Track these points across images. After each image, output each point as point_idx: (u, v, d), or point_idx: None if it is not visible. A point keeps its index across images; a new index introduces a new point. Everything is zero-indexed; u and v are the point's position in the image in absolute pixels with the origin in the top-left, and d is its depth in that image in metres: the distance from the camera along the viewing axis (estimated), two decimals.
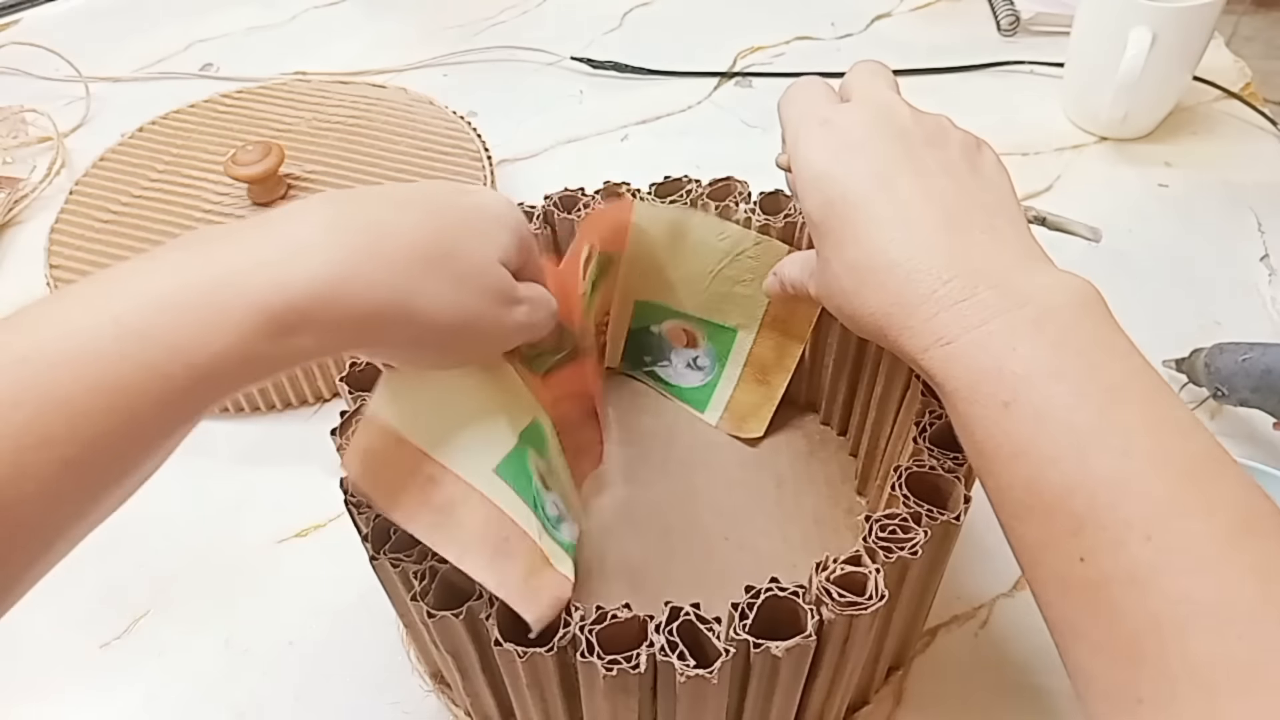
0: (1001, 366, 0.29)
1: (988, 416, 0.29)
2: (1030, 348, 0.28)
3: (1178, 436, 0.27)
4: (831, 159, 0.34)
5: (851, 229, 0.32)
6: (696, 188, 0.46)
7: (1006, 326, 0.29)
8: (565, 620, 0.31)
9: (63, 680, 0.46)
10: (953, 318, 0.30)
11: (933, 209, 0.32)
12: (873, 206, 0.32)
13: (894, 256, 0.31)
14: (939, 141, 0.34)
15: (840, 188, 0.33)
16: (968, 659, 0.45)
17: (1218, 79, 0.75)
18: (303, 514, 0.51)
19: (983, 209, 0.32)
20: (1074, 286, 0.30)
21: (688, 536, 0.46)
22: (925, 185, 0.32)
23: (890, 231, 0.32)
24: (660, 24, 0.87)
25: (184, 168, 0.66)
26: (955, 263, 0.30)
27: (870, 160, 0.33)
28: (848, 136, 0.34)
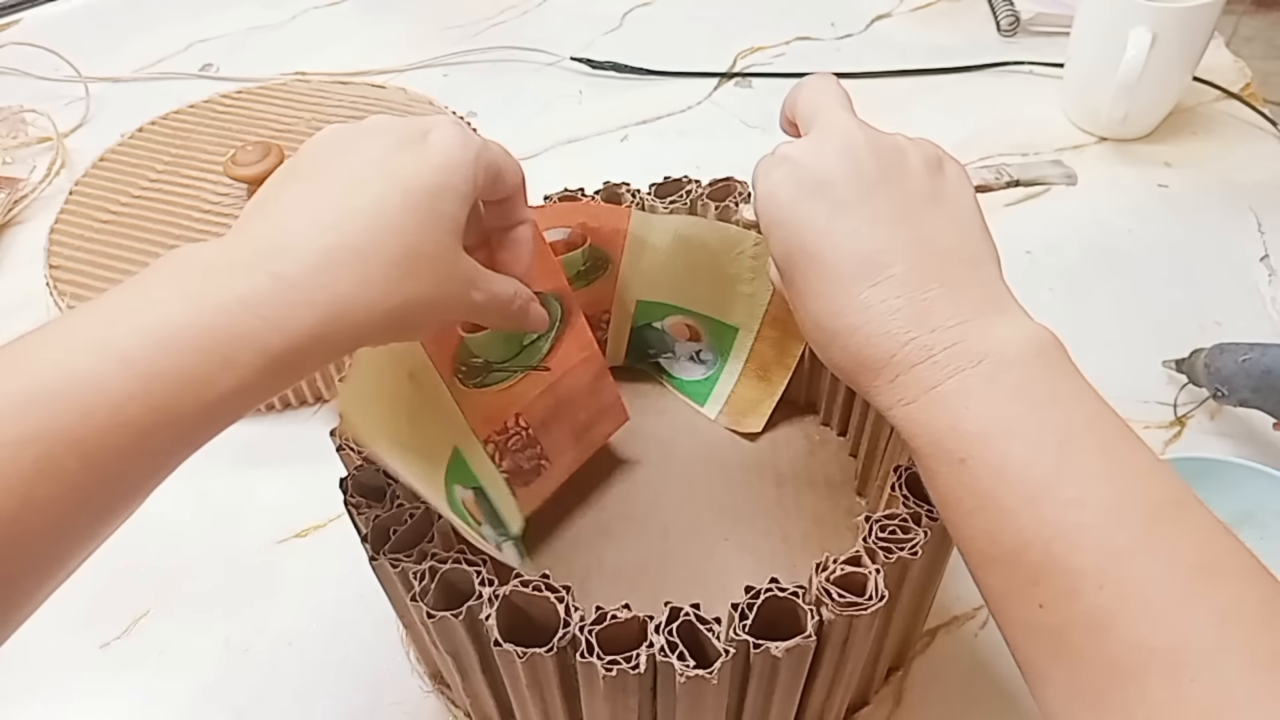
0: (956, 425, 0.29)
1: (947, 473, 0.29)
2: (983, 405, 0.29)
3: (1135, 482, 0.27)
4: (789, 205, 0.33)
5: (813, 284, 0.32)
6: (696, 188, 0.46)
7: (961, 386, 0.29)
8: (565, 620, 0.31)
9: (63, 680, 0.46)
10: (911, 380, 0.30)
11: (891, 266, 0.31)
12: (829, 263, 0.32)
13: (853, 320, 0.31)
14: (897, 174, 0.33)
15: (798, 238, 0.33)
16: (968, 659, 0.45)
17: (1218, 79, 0.75)
18: (303, 514, 0.51)
19: (942, 253, 0.32)
20: (1030, 337, 0.30)
21: (688, 536, 0.46)
22: (882, 236, 0.32)
23: (847, 293, 0.31)
24: (660, 24, 0.87)
25: (184, 168, 0.66)
26: (913, 323, 0.30)
27: (826, 208, 0.32)
28: (802, 177, 0.33)
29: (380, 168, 0.31)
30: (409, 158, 0.32)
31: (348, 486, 0.36)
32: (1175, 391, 0.55)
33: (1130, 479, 0.27)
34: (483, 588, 0.32)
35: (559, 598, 0.32)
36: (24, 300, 0.63)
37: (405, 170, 0.31)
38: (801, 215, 0.33)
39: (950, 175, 0.34)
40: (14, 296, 0.64)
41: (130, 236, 0.61)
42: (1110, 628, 0.25)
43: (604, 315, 0.50)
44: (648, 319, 0.50)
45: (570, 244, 0.45)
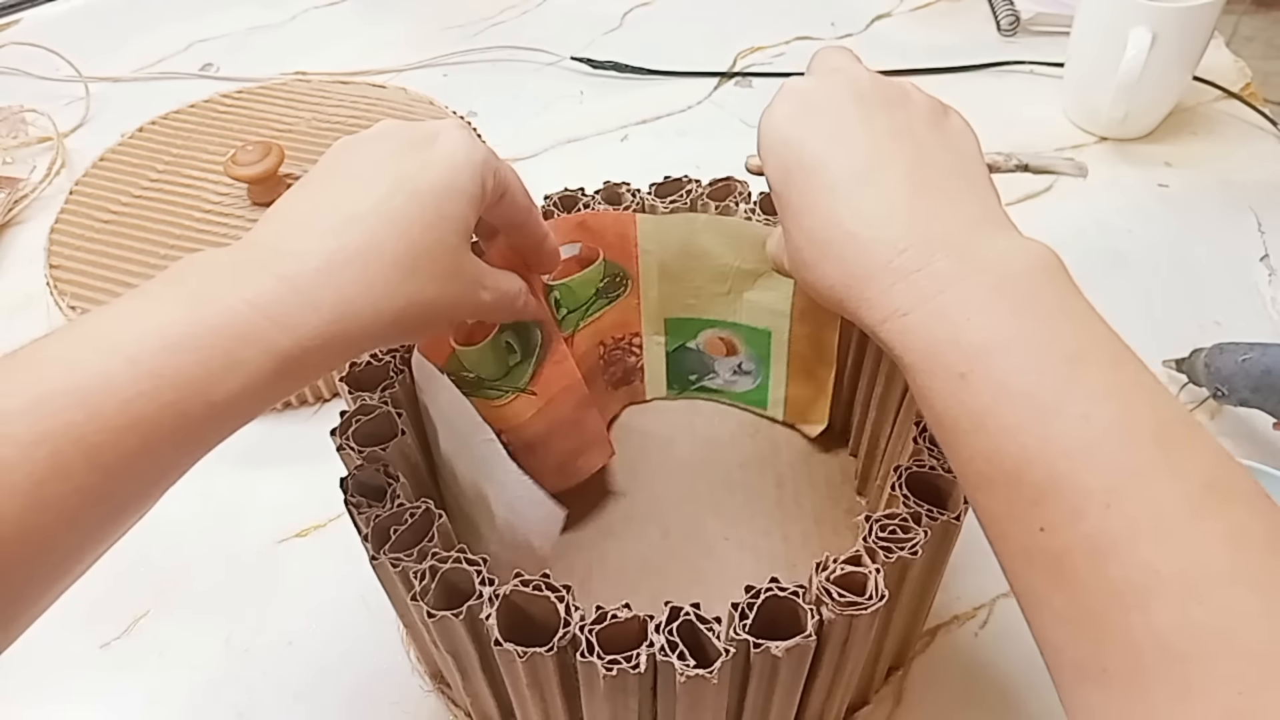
0: (957, 337, 0.28)
1: (945, 389, 0.28)
2: (986, 316, 0.28)
3: (1142, 401, 0.26)
4: (790, 123, 0.33)
5: (810, 198, 0.32)
6: (696, 188, 0.46)
7: (962, 295, 0.28)
8: (565, 620, 0.31)
9: (63, 680, 0.46)
10: (908, 288, 0.29)
11: (889, 173, 0.31)
12: (828, 172, 0.31)
13: (850, 226, 0.30)
14: (899, 102, 0.33)
15: (797, 153, 0.32)
16: (968, 659, 0.45)
17: (1218, 79, 0.75)
18: (303, 514, 0.51)
19: (942, 171, 0.31)
20: (1033, 251, 0.29)
21: (688, 536, 0.46)
22: (882, 148, 0.31)
23: (846, 199, 0.31)
24: (660, 24, 0.87)
25: (184, 168, 0.66)
26: (911, 230, 0.29)
27: (827, 124, 0.32)
28: (807, 100, 0.33)
29: (386, 169, 0.32)
30: (415, 159, 0.32)
31: (348, 486, 0.36)
32: (1175, 391, 0.55)
33: (1138, 397, 0.26)
34: (483, 587, 0.32)
35: (559, 597, 0.32)
36: (24, 300, 0.63)
37: (411, 171, 0.32)
38: (801, 133, 0.32)
39: (953, 120, 0.34)
40: (14, 296, 0.64)
41: (130, 236, 0.61)
42: (1115, 550, 0.24)
43: (634, 338, 0.50)
44: (680, 339, 0.50)
45: (582, 260, 0.45)
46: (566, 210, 0.46)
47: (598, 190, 0.47)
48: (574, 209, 0.46)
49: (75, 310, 0.57)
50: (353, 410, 0.38)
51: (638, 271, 0.47)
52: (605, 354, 0.50)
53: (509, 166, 0.36)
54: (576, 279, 0.46)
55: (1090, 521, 0.25)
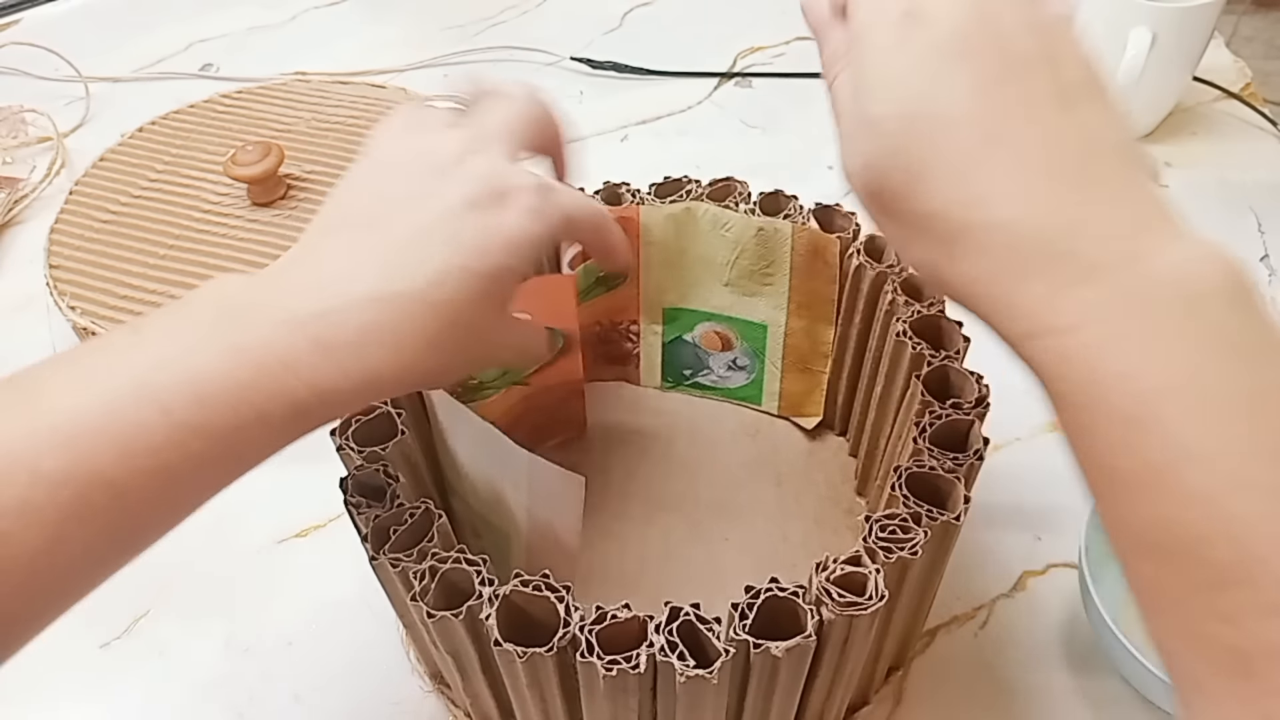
0: (1134, 372, 0.23)
1: (1111, 432, 0.23)
2: (1170, 350, 0.23)
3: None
4: (918, 66, 0.27)
5: (942, 163, 0.26)
6: (696, 188, 0.46)
7: (1142, 319, 0.23)
8: (565, 620, 0.31)
9: (63, 680, 0.46)
10: (1073, 302, 0.24)
11: (1050, 152, 0.25)
12: (973, 138, 0.26)
13: (999, 213, 0.25)
14: (1052, 55, 0.27)
15: (930, 105, 0.26)
16: (968, 659, 0.45)
17: (1218, 79, 0.75)
18: (303, 514, 0.51)
19: (1108, 153, 0.26)
20: (1221, 264, 0.24)
21: (688, 536, 0.46)
22: (1040, 119, 0.26)
23: (995, 177, 0.25)
24: (660, 24, 0.87)
25: (184, 168, 0.66)
26: (1079, 228, 0.24)
27: (971, 77, 0.26)
28: (941, 39, 0.27)
29: (443, 229, 0.29)
30: (478, 226, 0.29)
31: (348, 486, 0.36)
32: None
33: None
34: (483, 587, 0.32)
35: (559, 597, 0.32)
36: (24, 300, 0.63)
37: (470, 242, 0.29)
38: (938, 82, 0.26)
39: (1103, 73, 0.28)
40: (14, 296, 0.64)
41: (130, 236, 0.61)
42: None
43: (631, 324, 0.50)
44: (677, 331, 0.50)
45: (585, 254, 0.46)
46: None
47: (598, 190, 0.47)
48: None
49: (75, 310, 0.57)
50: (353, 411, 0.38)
51: (638, 261, 0.47)
52: (601, 331, 0.51)
53: (588, 210, 0.34)
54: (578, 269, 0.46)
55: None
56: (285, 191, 0.64)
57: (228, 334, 0.27)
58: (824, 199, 0.46)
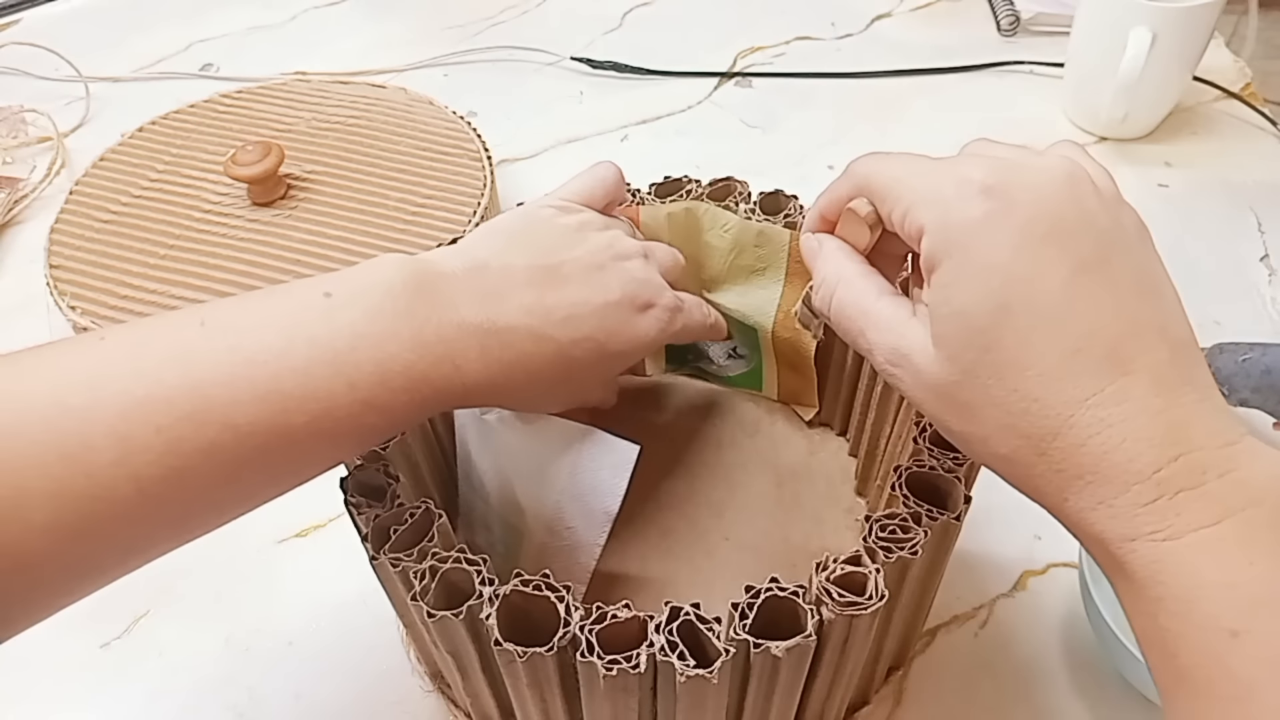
0: (1234, 583, 0.23)
1: (1204, 642, 0.23)
2: (1272, 562, 0.23)
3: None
4: (1013, 250, 0.26)
5: (1040, 356, 0.25)
6: (696, 188, 0.46)
7: (1244, 530, 0.23)
8: (565, 620, 0.31)
9: (63, 680, 0.46)
10: (1176, 509, 0.24)
11: (1145, 352, 0.25)
12: (1075, 333, 0.25)
13: (1105, 413, 0.25)
14: (1123, 237, 0.27)
15: (1027, 296, 0.26)
16: (968, 659, 0.45)
17: (1218, 79, 0.75)
18: (303, 514, 0.51)
19: (1183, 351, 0.26)
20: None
21: (688, 536, 0.46)
22: (1132, 314, 0.26)
23: (1099, 375, 0.25)
24: (660, 24, 0.87)
25: (184, 168, 0.66)
26: (1179, 435, 0.24)
27: (1062, 260, 0.26)
28: (1030, 219, 0.26)
29: (599, 307, 0.35)
30: (621, 318, 0.36)
31: (348, 486, 0.36)
32: None
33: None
34: (483, 587, 0.32)
35: (559, 597, 0.32)
36: (24, 300, 0.63)
37: (610, 327, 0.36)
38: (1032, 269, 0.26)
39: (1153, 247, 0.28)
40: (14, 296, 0.64)
41: (130, 236, 0.61)
42: None
43: None
44: None
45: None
46: None
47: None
48: None
49: (75, 310, 0.57)
50: None
51: None
52: None
53: (700, 325, 0.41)
54: None
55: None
56: (285, 191, 0.64)
57: (419, 327, 0.31)
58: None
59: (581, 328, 0.35)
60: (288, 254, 0.60)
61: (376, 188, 0.64)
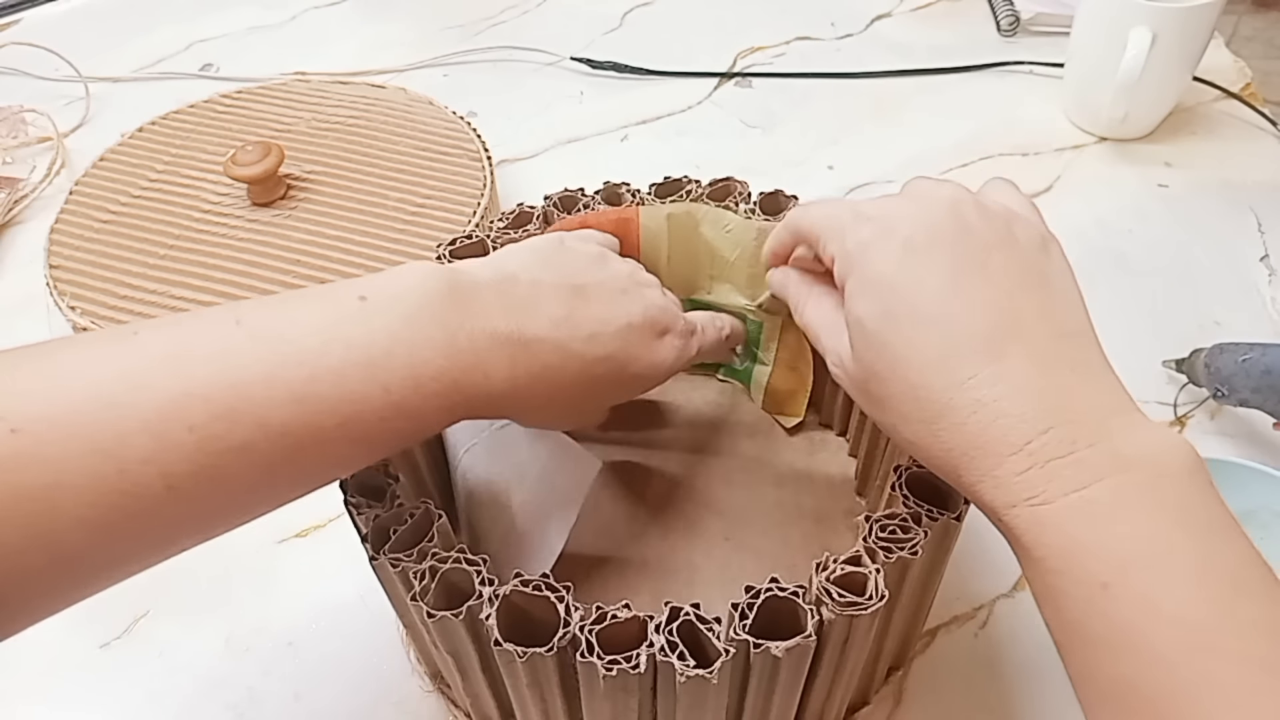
0: (1102, 541, 0.25)
1: (1081, 596, 0.26)
2: (1137, 523, 0.25)
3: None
4: (892, 258, 0.30)
5: (922, 351, 0.29)
6: (696, 188, 0.46)
7: (1109, 494, 0.26)
8: (565, 620, 0.31)
9: (63, 680, 0.46)
10: (1048, 476, 0.26)
11: (1017, 339, 0.28)
12: (949, 328, 0.29)
13: (978, 394, 0.28)
14: (1006, 242, 0.30)
15: (909, 300, 0.29)
16: (968, 659, 0.45)
17: (1218, 79, 0.75)
18: (303, 514, 0.51)
19: (1066, 339, 0.29)
20: (1179, 449, 0.27)
21: (688, 536, 0.46)
22: (1006, 308, 0.29)
23: (972, 363, 0.28)
24: (660, 24, 0.87)
25: (184, 168, 0.66)
26: (1051, 410, 0.27)
27: (940, 267, 0.29)
28: (909, 233, 0.30)
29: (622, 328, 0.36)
30: (640, 341, 0.37)
31: (348, 486, 0.36)
32: (1175, 391, 0.55)
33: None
34: (483, 587, 0.32)
35: (559, 598, 0.32)
36: (24, 300, 0.63)
37: (631, 349, 0.36)
38: (910, 271, 0.30)
39: (1055, 255, 0.31)
40: (14, 296, 0.64)
41: (130, 236, 0.61)
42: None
43: None
44: None
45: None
46: (566, 210, 0.46)
47: (598, 190, 0.47)
48: (574, 209, 0.46)
49: (75, 310, 0.57)
50: None
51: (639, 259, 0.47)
52: None
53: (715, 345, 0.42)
54: None
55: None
56: (285, 191, 0.64)
57: (452, 333, 0.31)
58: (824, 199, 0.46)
59: (606, 346, 0.35)
60: (288, 254, 0.60)
61: (376, 188, 0.64)
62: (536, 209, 0.46)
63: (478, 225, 0.61)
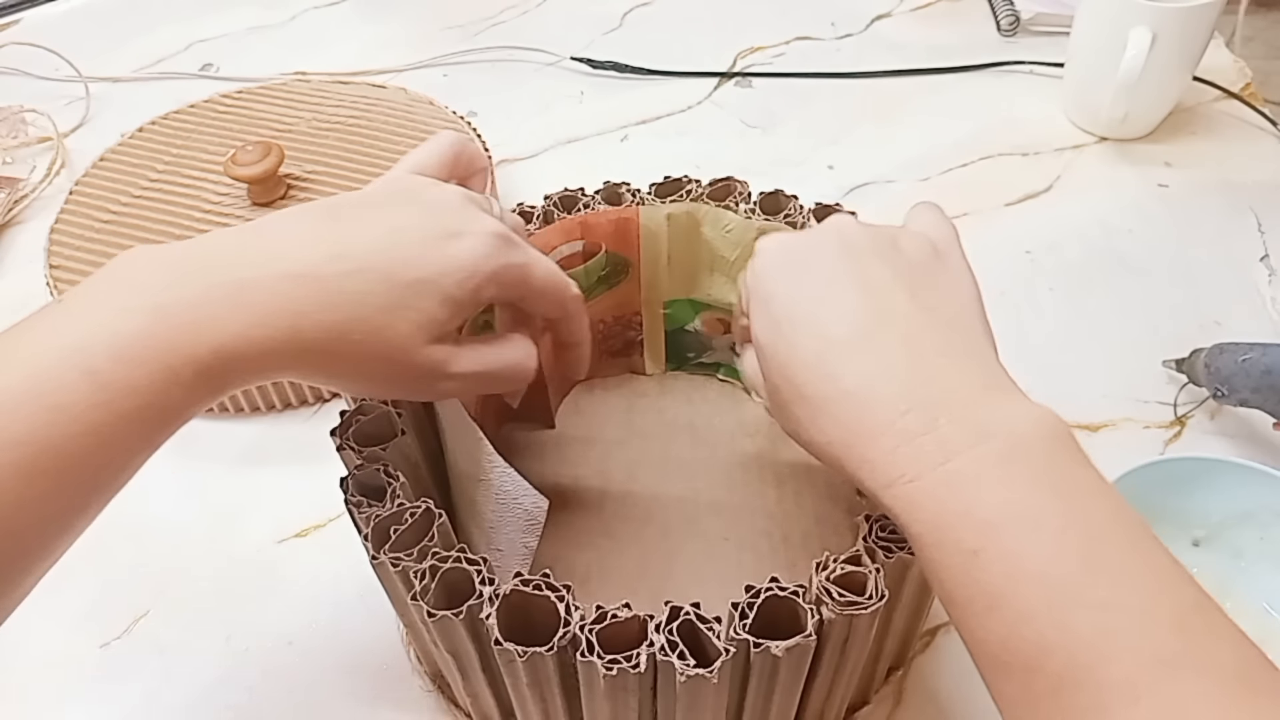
0: (968, 510, 0.27)
1: (955, 564, 0.27)
2: (998, 489, 0.26)
3: (1163, 586, 0.25)
4: (777, 276, 0.33)
5: (801, 353, 0.31)
6: (696, 188, 0.46)
7: (971, 464, 0.27)
8: (565, 620, 0.31)
9: (63, 680, 0.46)
10: (913, 453, 0.28)
11: (886, 330, 0.30)
12: (821, 329, 0.31)
13: (847, 384, 0.30)
14: (889, 252, 0.32)
15: (787, 308, 0.32)
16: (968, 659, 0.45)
17: (1218, 79, 0.75)
18: (303, 514, 0.51)
19: (938, 328, 0.30)
20: (1040, 418, 0.28)
21: (688, 536, 0.46)
22: (876, 304, 0.31)
23: (841, 357, 0.30)
24: (660, 24, 0.87)
25: (184, 168, 0.66)
26: (912, 391, 0.29)
27: (817, 277, 0.32)
28: (790, 252, 0.33)
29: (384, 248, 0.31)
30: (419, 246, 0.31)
31: (348, 486, 0.36)
32: (1175, 391, 0.55)
33: (1158, 581, 0.25)
34: (483, 587, 0.32)
35: (559, 597, 0.32)
36: (24, 300, 0.63)
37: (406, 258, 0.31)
38: (789, 287, 0.32)
39: (950, 265, 0.33)
40: (14, 296, 0.64)
41: (130, 236, 0.61)
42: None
43: (634, 316, 0.51)
44: (679, 323, 0.51)
45: (586, 255, 0.47)
46: (566, 210, 0.46)
47: (598, 190, 0.47)
48: (574, 209, 0.46)
49: None
50: (352, 410, 0.38)
51: (639, 259, 0.48)
52: (605, 329, 0.51)
53: (545, 272, 0.35)
54: (578, 271, 0.46)
55: (1117, 717, 0.24)
56: (285, 191, 0.64)
57: (155, 294, 0.29)
58: (824, 199, 0.46)
59: (353, 259, 0.30)
60: None
61: None
62: (536, 209, 0.46)
63: None
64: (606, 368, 0.53)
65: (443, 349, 0.32)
